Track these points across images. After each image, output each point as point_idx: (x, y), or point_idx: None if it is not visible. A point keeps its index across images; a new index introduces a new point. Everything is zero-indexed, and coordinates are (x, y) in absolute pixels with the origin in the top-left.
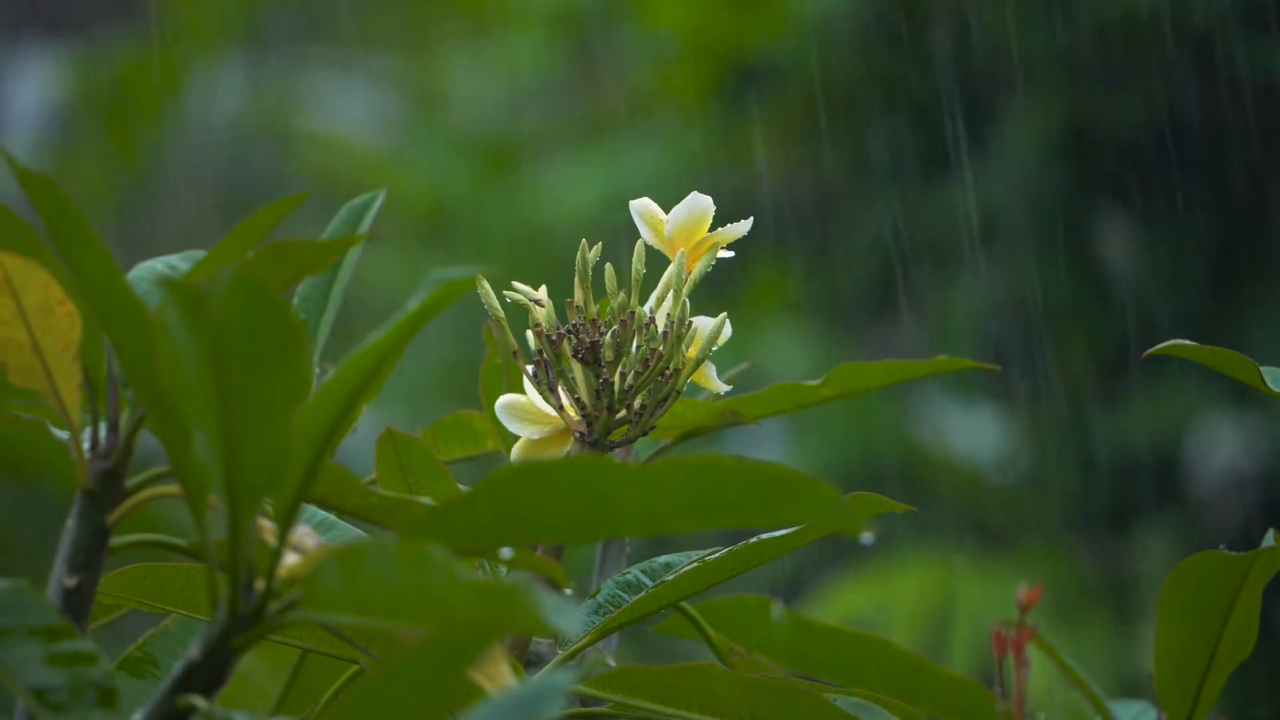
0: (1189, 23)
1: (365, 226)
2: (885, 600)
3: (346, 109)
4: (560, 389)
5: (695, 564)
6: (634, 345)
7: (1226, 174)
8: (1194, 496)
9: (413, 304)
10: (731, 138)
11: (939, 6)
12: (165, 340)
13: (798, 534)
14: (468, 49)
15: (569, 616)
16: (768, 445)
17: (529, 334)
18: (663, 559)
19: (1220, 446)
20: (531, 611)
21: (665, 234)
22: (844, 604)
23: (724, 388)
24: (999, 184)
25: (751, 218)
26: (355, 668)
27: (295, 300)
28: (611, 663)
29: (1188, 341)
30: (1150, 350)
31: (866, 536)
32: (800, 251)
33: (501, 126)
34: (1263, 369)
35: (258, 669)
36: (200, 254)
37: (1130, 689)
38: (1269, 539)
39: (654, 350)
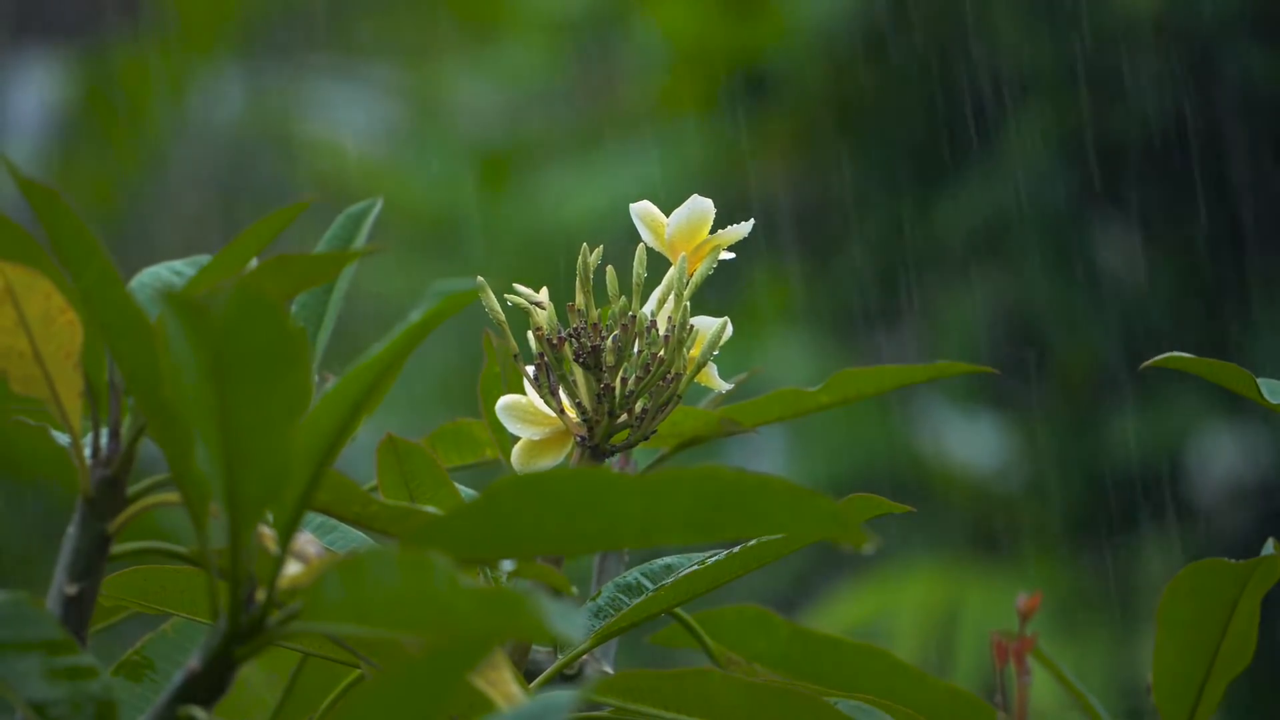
0: (1191, 30)
1: (363, 234)
2: (887, 609)
3: (348, 116)
4: (561, 393)
5: (696, 567)
6: (635, 349)
7: (1228, 183)
8: (1195, 506)
9: (415, 315)
10: (733, 145)
11: (940, 14)
12: (167, 352)
13: (796, 537)
14: (469, 57)
15: (573, 622)
16: (767, 454)
17: (530, 336)
18: (662, 561)
19: (1221, 456)
20: (536, 618)
21: (666, 237)
22: (846, 613)
23: (726, 386)
24: (1000, 192)
25: (752, 220)
26: (354, 674)
27: (294, 308)
28: (609, 670)
29: (1185, 354)
30: (1147, 363)
31: (866, 547)
32: (800, 259)
33: (503, 134)
34: (1259, 380)
35: (255, 676)
36: (205, 259)
37: (1131, 698)
38: (1268, 547)
39: (655, 354)
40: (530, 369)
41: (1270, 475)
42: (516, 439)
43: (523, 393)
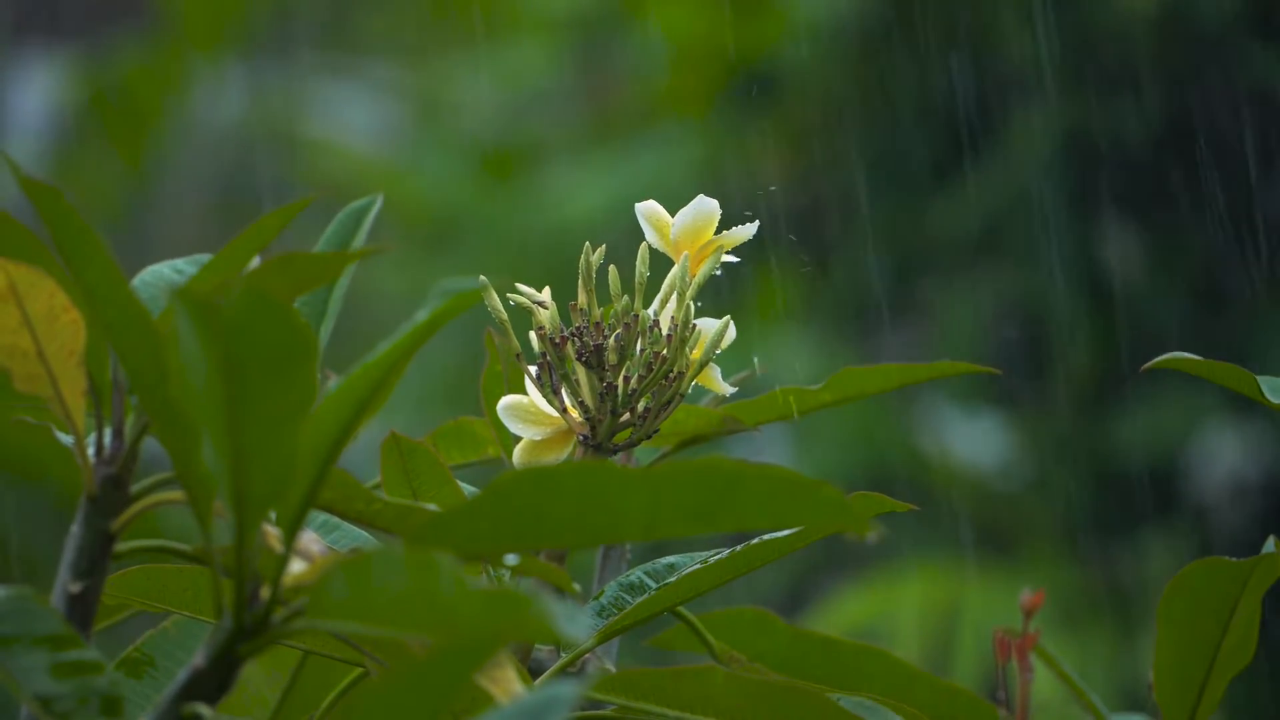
0: (1194, 29)
1: (363, 231)
2: (889, 609)
3: (350, 116)
4: (564, 392)
5: (699, 565)
6: (638, 348)
7: (1230, 182)
8: (1197, 504)
9: (421, 315)
10: (735, 144)
11: (943, 14)
12: (174, 349)
13: (802, 533)
14: (471, 56)
15: (578, 623)
16: (769, 453)
17: (532, 336)
18: (666, 560)
19: (1223, 454)
20: (541, 619)
21: (670, 237)
22: (847, 613)
23: (729, 389)
24: (1003, 191)
25: (757, 222)
26: (356, 673)
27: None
28: (611, 669)
29: (1186, 354)
30: (1148, 364)
31: (871, 536)
32: (803, 258)
33: (506, 133)
34: (1260, 379)
35: (255, 674)
36: (206, 258)
37: (1134, 697)
38: (1269, 545)
39: (658, 353)
40: (533, 368)
41: (1273, 473)
42: (518, 438)
43: (524, 391)
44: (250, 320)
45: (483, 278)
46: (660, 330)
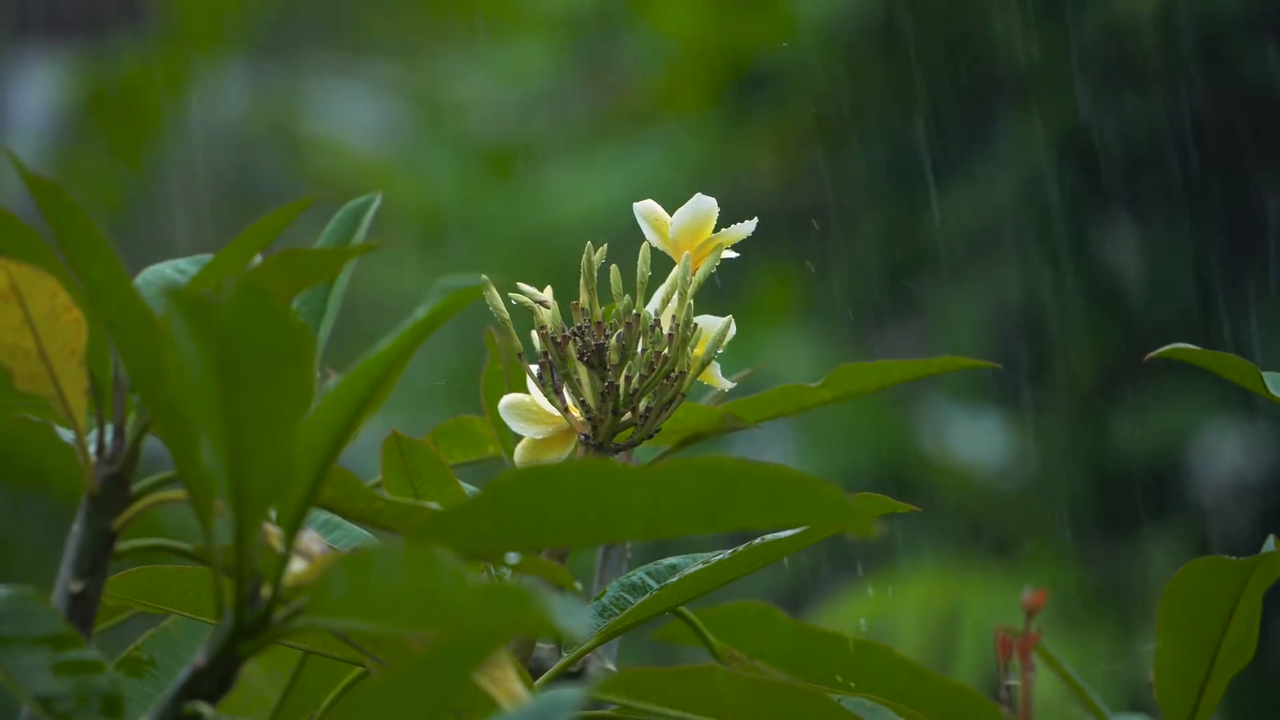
0: (1192, 27)
1: (362, 229)
2: (889, 610)
3: (350, 115)
4: (565, 391)
5: (701, 566)
6: (639, 347)
7: (1230, 179)
8: (1198, 503)
9: (421, 311)
10: (735, 143)
11: (943, 12)
12: (172, 348)
13: (804, 534)
14: (472, 55)
15: (579, 618)
16: (770, 452)
17: (534, 335)
18: (668, 561)
19: (1223, 454)
20: (541, 614)
21: (670, 235)
22: (848, 614)
23: (729, 384)
24: (1003, 189)
25: (755, 219)
26: (356, 671)
27: (294, 305)
28: (612, 668)
29: (1189, 345)
30: (1152, 354)
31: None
32: (804, 257)
33: (506, 132)
34: (1264, 374)
35: (255, 674)
36: (208, 257)
37: (1134, 697)
38: (1269, 544)
39: (659, 353)
40: (534, 367)
41: (1273, 472)
42: (519, 437)
43: (525, 390)
44: (244, 319)
45: (483, 276)
46: (662, 330)
